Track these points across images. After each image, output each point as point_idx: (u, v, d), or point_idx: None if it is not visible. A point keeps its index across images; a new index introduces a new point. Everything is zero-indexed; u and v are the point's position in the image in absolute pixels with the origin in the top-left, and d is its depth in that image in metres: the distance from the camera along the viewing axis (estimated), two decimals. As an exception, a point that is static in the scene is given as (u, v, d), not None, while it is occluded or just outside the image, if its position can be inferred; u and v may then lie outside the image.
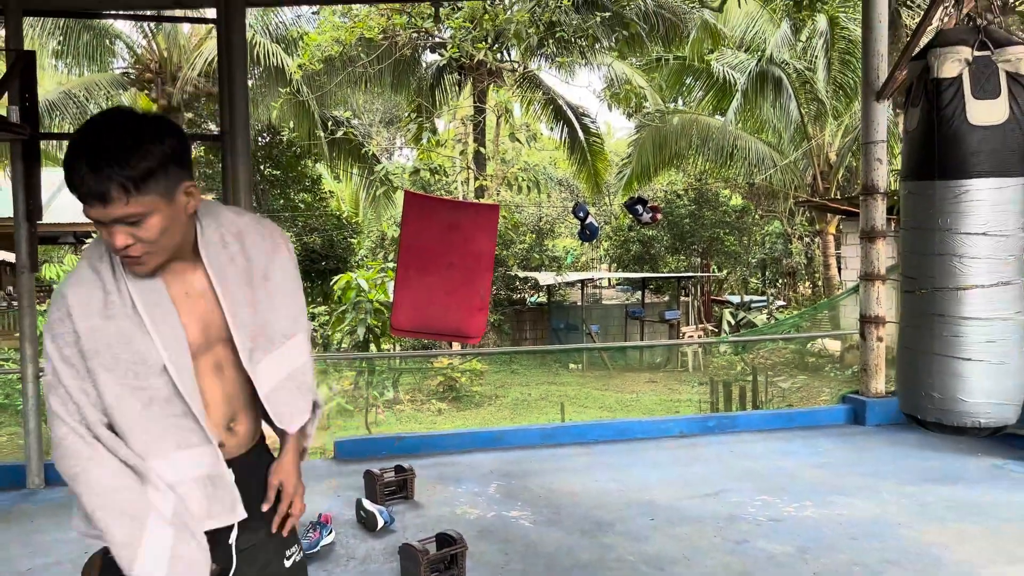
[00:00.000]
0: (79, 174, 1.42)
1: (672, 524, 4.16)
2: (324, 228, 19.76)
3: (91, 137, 1.44)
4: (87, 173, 1.41)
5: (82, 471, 1.52)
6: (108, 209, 1.43)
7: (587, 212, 5.66)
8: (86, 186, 1.42)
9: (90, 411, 1.53)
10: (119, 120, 1.47)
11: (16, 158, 4.69)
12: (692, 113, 17.41)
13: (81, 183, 1.42)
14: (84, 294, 1.54)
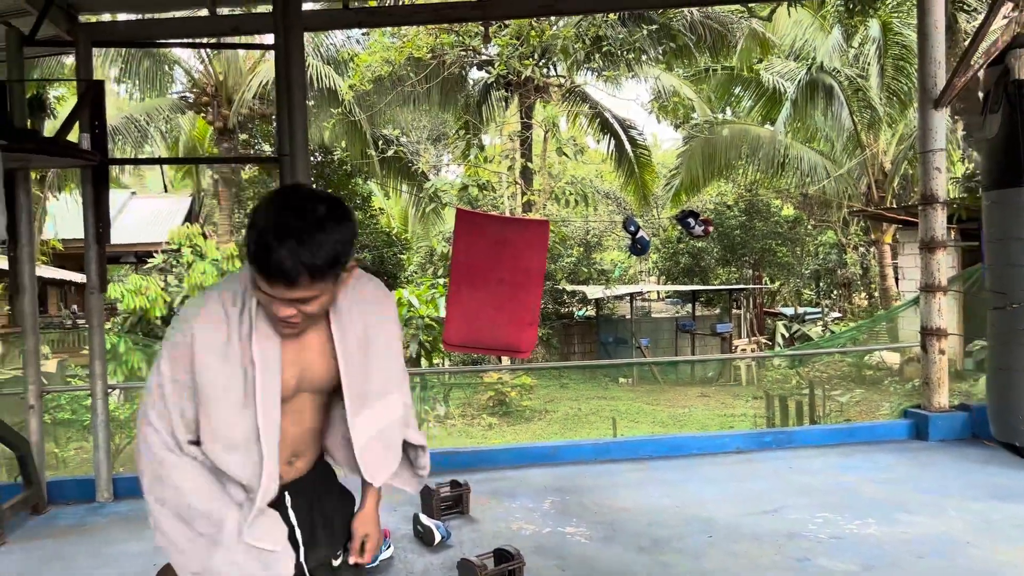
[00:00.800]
0: (276, 257, 1.50)
1: (730, 541, 4.10)
2: (375, 245, 20.06)
3: (290, 222, 1.52)
4: (284, 257, 1.50)
5: (167, 475, 1.67)
6: (290, 291, 1.54)
7: (638, 226, 5.66)
8: (278, 268, 1.51)
9: (182, 429, 1.68)
10: (311, 206, 1.55)
11: (87, 183, 4.88)
12: (741, 123, 17.24)
13: (276, 266, 1.51)
14: (211, 332, 1.66)
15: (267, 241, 1.51)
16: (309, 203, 1.56)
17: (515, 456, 5.98)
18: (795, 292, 24.91)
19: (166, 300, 13.76)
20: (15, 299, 5.18)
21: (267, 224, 1.53)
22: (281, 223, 1.52)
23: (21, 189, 4.85)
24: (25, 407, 5.09)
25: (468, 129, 15.43)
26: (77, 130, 4.79)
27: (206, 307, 1.68)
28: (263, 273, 1.53)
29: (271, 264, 1.51)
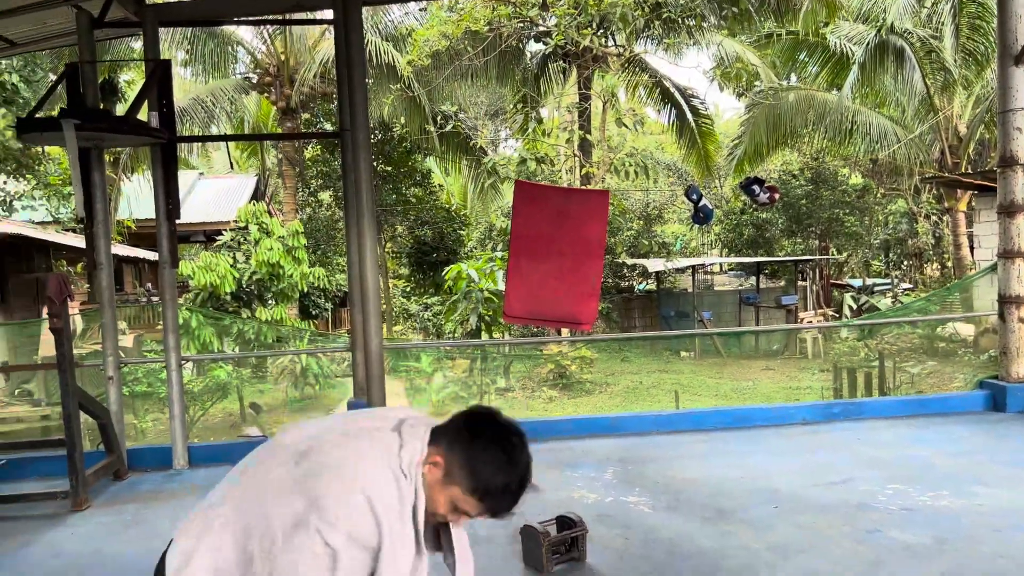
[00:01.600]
0: (516, 502, 1.77)
1: (797, 512, 4.04)
2: (434, 221, 20.21)
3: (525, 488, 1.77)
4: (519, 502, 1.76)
5: None
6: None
7: (700, 195, 5.55)
8: (511, 510, 1.77)
9: None
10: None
11: (156, 161, 5.02)
12: (807, 89, 16.71)
13: (511, 509, 1.77)
14: (394, 509, 1.66)
15: (518, 491, 1.76)
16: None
17: (577, 427, 5.99)
18: (863, 263, 24.19)
19: (235, 276, 14.13)
20: (93, 275, 5.38)
21: (523, 474, 1.77)
22: (525, 465, 1.78)
23: (96, 169, 5.02)
24: (104, 378, 5.31)
25: (526, 102, 15.33)
26: (146, 110, 4.93)
27: (389, 494, 1.67)
28: (497, 512, 1.75)
29: (511, 508, 1.76)
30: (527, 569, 3.46)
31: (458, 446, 1.72)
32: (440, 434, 1.76)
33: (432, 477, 1.71)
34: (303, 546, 1.59)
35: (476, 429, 1.77)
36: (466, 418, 1.80)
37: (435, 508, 1.74)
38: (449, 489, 1.71)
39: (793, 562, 3.42)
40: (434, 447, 1.73)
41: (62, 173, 13.38)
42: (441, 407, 12.37)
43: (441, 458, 1.72)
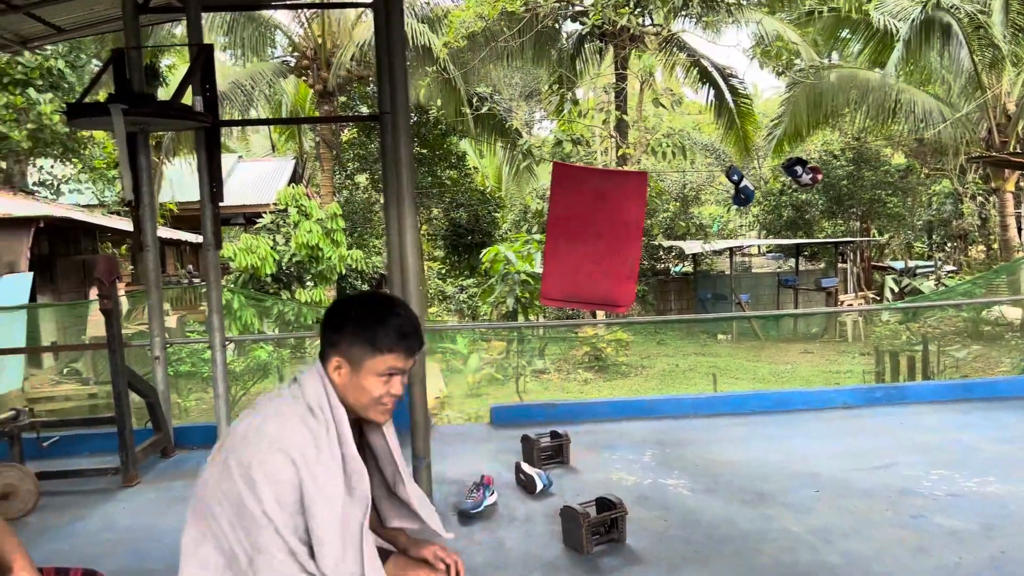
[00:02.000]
0: (407, 320, 1.82)
1: (839, 496, 4.01)
2: (469, 203, 20.23)
3: (408, 310, 1.86)
4: (412, 318, 1.83)
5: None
6: (412, 360, 1.84)
7: (741, 175, 5.48)
8: (416, 341, 1.83)
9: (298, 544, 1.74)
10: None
11: (200, 144, 5.10)
12: (850, 67, 16.34)
13: (414, 337, 1.82)
14: (304, 446, 1.73)
15: (411, 319, 1.83)
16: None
17: (614, 409, 5.99)
18: (906, 245, 23.70)
19: (275, 258, 14.32)
20: (139, 257, 5.49)
21: (383, 303, 1.84)
22: (408, 311, 1.84)
23: (142, 152, 5.11)
24: (151, 358, 5.43)
25: (562, 83, 15.23)
26: (190, 94, 4.99)
27: (292, 428, 1.75)
28: (404, 344, 1.80)
29: (398, 330, 1.79)
30: (567, 549, 3.49)
31: (340, 337, 1.80)
32: (325, 348, 1.83)
33: (344, 378, 1.80)
34: (255, 522, 1.68)
35: (340, 316, 1.83)
36: (327, 318, 1.86)
37: (368, 399, 1.81)
38: (362, 370, 1.79)
39: (836, 546, 3.40)
40: (327, 359, 1.82)
41: (107, 157, 13.65)
42: (477, 389, 12.46)
43: (337, 356, 1.80)
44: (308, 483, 1.69)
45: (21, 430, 4.68)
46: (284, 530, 1.68)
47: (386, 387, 1.82)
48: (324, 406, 1.78)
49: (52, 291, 12.81)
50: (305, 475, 1.69)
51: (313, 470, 1.70)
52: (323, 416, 1.77)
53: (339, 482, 1.74)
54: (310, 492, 1.69)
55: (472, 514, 3.93)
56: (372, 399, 1.81)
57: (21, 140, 10.96)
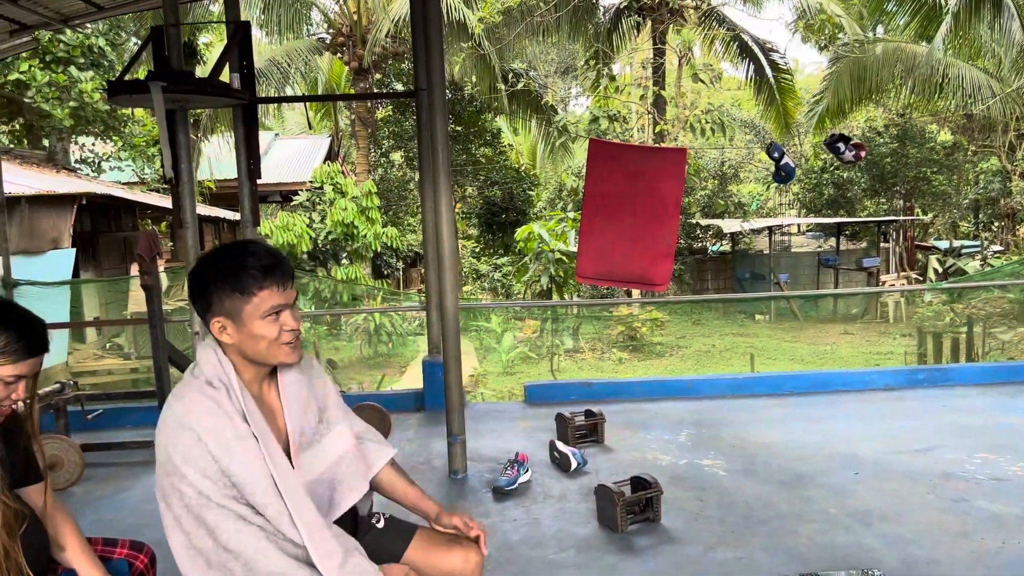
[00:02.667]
0: (266, 254, 1.77)
1: (879, 479, 3.94)
2: (504, 181, 20.16)
3: (262, 244, 1.82)
4: (268, 250, 1.79)
5: (262, 556, 1.70)
6: (288, 287, 1.78)
7: (782, 152, 5.35)
8: (282, 270, 1.77)
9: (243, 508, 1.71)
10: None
11: (238, 121, 5.12)
12: (895, 41, 15.89)
13: (278, 267, 1.76)
14: (204, 416, 1.71)
15: (248, 249, 1.77)
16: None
17: (649, 389, 5.96)
18: (950, 224, 23.14)
19: (311, 236, 14.44)
20: (178, 234, 5.56)
21: (233, 248, 1.79)
22: (238, 243, 1.82)
23: (181, 129, 5.15)
24: (191, 333, 5.51)
25: (598, 58, 15.04)
26: (227, 72, 5.01)
27: (193, 402, 1.73)
28: (274, 279, 1.75)
29: (259, 266, 1.74)
30: (601, 528, 3.48)
31: (209, 297, 1.76)
32: (202, 317, 1.80)
33: (232, 336, 1.77)
34: (196, 505, 1.67)
35: (200, 278, 1.79)
36: (190, 288, 1.82)
37: (266, 344, 1.77)
38: (245, 320, 1.75)
39: (875, 529, 3.34)
40: (210, 325, 1.79)
41: (147, 135, 13.83)
42: (511, 367, 12.48)
43: (216, 318, 1.76)
44: (217, 451, 1.67)
45: (66, 403, 4.79)
46: (224, 500, 1.67)
47: (277, 325, 1.76)
48: (220, 375, 1.77)
49: (94, 267, 13.08)
50: (213, 446, 1.67)
51: (219, 438, 1.68)
52: (221, 384, 1.76)
53: (248, 444, 1.70)
54: (223, 460, 1.67)
55: (506, 491, 3.94)
56: (270, 342, 1.76)
57: (63, 118, 11.15)
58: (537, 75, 21.97)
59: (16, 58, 10.50)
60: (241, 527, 1.67)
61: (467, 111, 19.29)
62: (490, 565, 3.13)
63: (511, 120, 20.43)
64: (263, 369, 1.85)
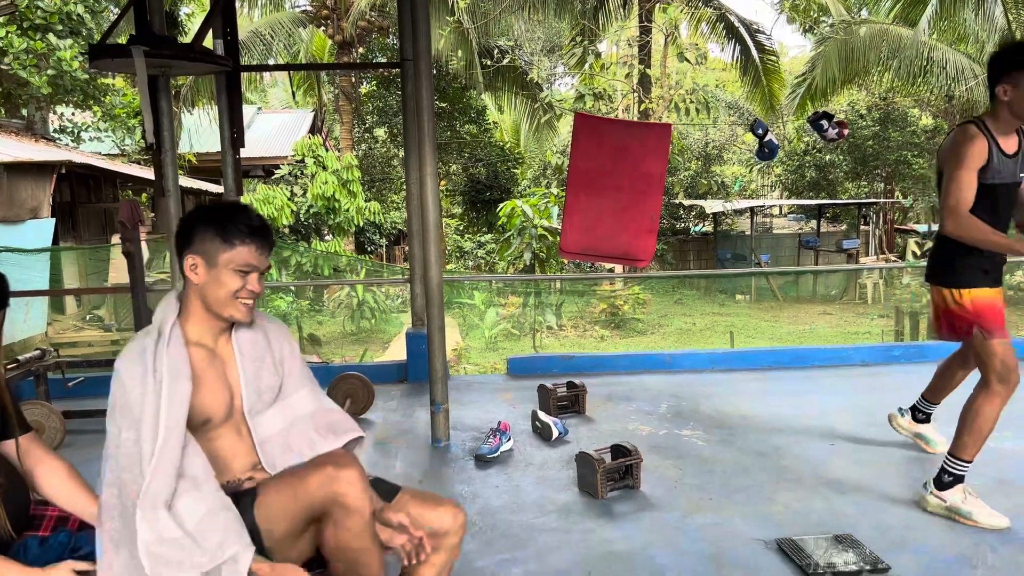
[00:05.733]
0: (254, 218, 1.90)
1: (855, 451, 4.02)
2: (489, 160, 20.11)
3: (256, 211, 1.93)
4: (257, 217, 1.91)
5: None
6: (266, 259, 1.91)
7: (766, 129, 5.38)
8: (266, 236, 1.90)
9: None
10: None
11: (221, 89, 5.07)
12: (880, 23, 15.94)
13: (264, 232, 1.90)
14: (132, 365, 1.78)
15: (243, 208, 1.90)
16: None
17: (631, 362, 6.01)
18: (930, 208, 23.34)
19: (292, 209, 14.34)
20: (160, 203, 5.51)
21: (231, 204, 1.92)
22: (235, 201, 1.96)
23: (163, 96, 5.09)
24: (174, 302, 5.48)
25: (584, 35, 14.98)
26: (211, 39, 4.96)
27: (128, 350, 1.82)
28: (256, 243, 1.87)
29: (248, 225, 1.86)
30: (581, 494, 3.53)
31: (193, 235, 1.87)
32: (180, 252, 1.89)
33: (200, 275, 1.87)
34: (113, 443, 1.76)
35: (192, 219, 1.90)
36: (180, 227, 1.91)
37: (226, 293, 1.87)
38: (218, 264, 1.86)
39: (850, 497, 3.42)
40: (183, 260, 1.88)
41: (127, 105, 13.63)
42: (494, 343, 12.52)
43: (191, 255, 1.87)
44: (131, 397, 1.74)
45: (47, 369, 4.77)
46: (126, 432, 1.74)
47: (243, 282, 1.87)
48: (162, 320, 1.86)
49: (74, 238, 12.93)
50: (129, 390, 1.74)
51: (132, 383, 1.75)
52: (156, 328, 1.84)
53: (149, 380, 1.75)
54: (132, 405, 1.73)
55: (488, 458, 3.98)
56: (229, 293, 1.87)
57: (41, 86, 10.96)
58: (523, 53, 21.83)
59: (-8, 23, 10.31)
60: (126, 447, 1.73)
61: (452, 87, 19.17)
62: (472, 529, 3.18)
63: (496, 97, 20.32)
64: (218, 323, 1.93)
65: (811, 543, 2.95)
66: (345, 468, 1.75)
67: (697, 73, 19.60)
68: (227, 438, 1.94)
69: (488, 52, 16.51)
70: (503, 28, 17.30)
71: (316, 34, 20.16)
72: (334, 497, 1.72)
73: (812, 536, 3.00)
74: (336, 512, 1.72)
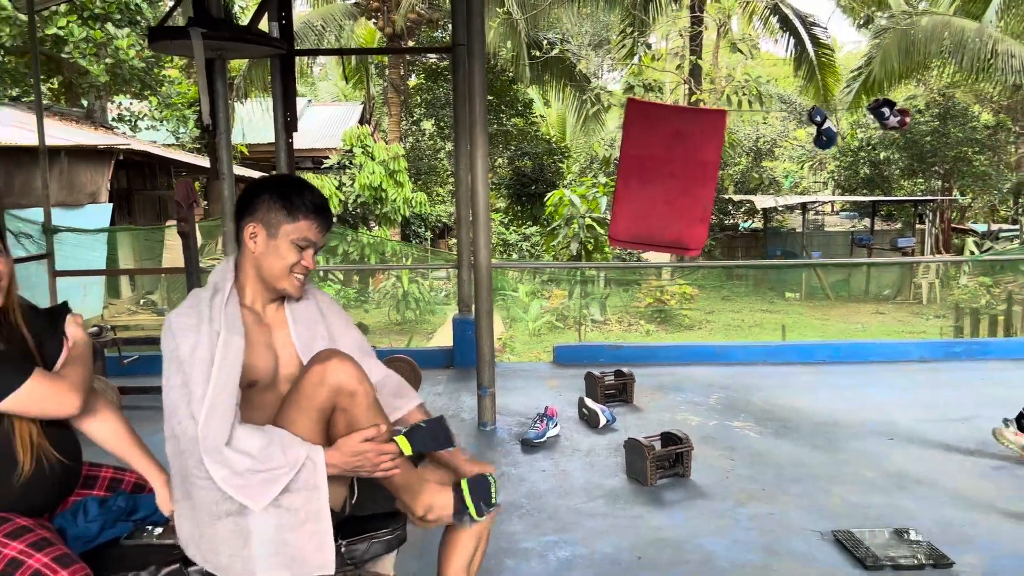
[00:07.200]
0: (328, 207, 1.93)
1: (915, 445, 3.89)
2: (535, 152, 20.04)
3: (318, 190, 1.95)
4: (319, 194, 1.92)
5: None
6: (323, 237, 1.92)
7: (825, 116, 5.22)
8: (328, 215, 1.93)
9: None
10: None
11: (275, 73, 5.12)
12: (943, 14, 15.45)
13: (326, 211, 1.92)
14: (184, 318, 1.78)
15: (309, 186, 1.93)
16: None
17: (679, 353, 5.92)
18: (989, 207, 22.61)
19: (340, 199, 14.47)
20: (214, 185, 5.59)
21: (298, 179, 1.95)
22: (301, 178, 1.97)
23: (219, 79, 5.16)
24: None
25: (635, 25, 14.80)
26: (266, 23, 5.00)
27: (181, 305, 1.83)
28: (318, 220, 1.88)
29: (312, 202, 1.88)
30: (630, 481, 3.47)
31: (257, 205, 1.88)
32: (241, 219, 1.89)
33: (259, 244, 1.87)
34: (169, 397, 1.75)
35: (256, 189, 1.91)
36: (243, 196, 1.92)
37: (282, 266, 1.87)
38: (279, 235, 1.86)
39: (911, 492, 3.30)
40: (243, 229, 1.88)
41: (183, 94, 13.90)
42: (538, 336, 12.47)
43: (253, 223, 1.87)
44: (181, 346, 1.73)
45: (104, 346, 4.86)
46: (174, 377, 1.74)
47: (299, 256, 1.88)
48: (219, 280, 1.87)
49: (130, 224, 13.22)
50: (180, 340, 1.73)
51: (184, 332, 1.74)
52: (213, 287, 1.85)
53: (204, 329, 1.75)
54: (182, 353, 1.72)
55: (535, 443, 3.94)
56: (285, 266, 1.87)
57: (99, 74, 11.22)
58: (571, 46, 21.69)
59: (55, 13, 10.58)
60: (181, 389, 1.72)
61: (499, 80, 19.13)
62: (519, 511, 3.15)
63: (543, 90, 20.22)
64: (268, 293, 1.94)
65: (869, 536, 2.85)
66: (331, 359, 1.79)
67: (748, 67, 19.29)
68: (272, 406, 1.94)
69: (536, 44, 16.43)
70: (551, 22, 17.18)
71: (367, 27, 20.33)
72: (335, 387, 1.77)
73: (870, 529, 2.91)
74: (340, 400, 1.78)
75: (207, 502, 1.71)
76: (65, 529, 1.85)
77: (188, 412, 1.70)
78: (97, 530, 1.88)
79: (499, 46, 17.32)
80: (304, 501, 1.70)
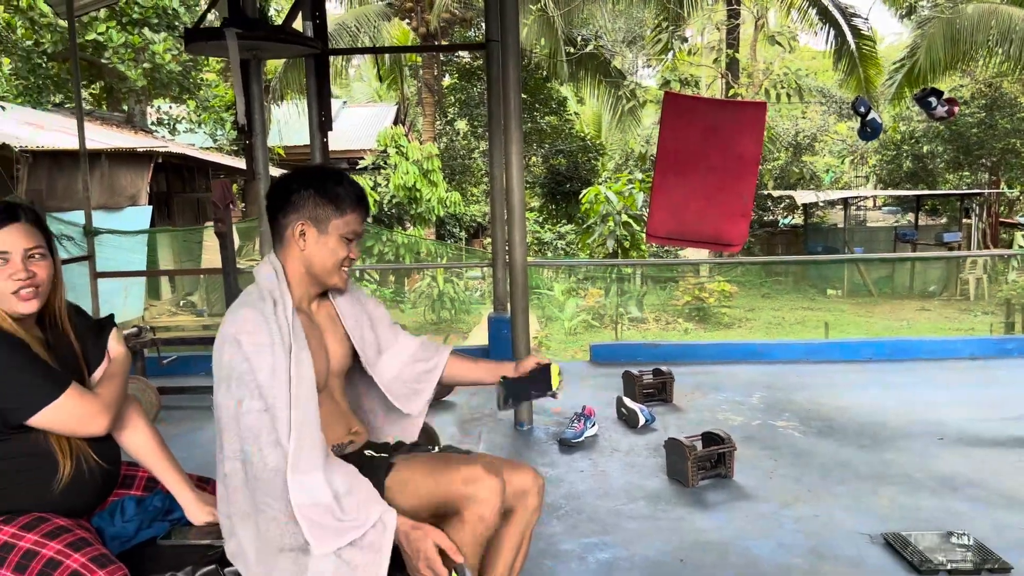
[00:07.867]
0: (356, 185, 1.92)
1: (965, 445, 3.76)
2: (570, 150, 19.93)
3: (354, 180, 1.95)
4: (354, 182, 1.91)
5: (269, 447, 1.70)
6: (363, 228, 1.92)
7: (869, 107, 5.08)
8: (367, 204, 1.94)
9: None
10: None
11: (310, 72, 5.12)
12: (989, 2, 15.01)
13: (366, 200, 1.93)
14: (258, 336, 1.71)
15: (346, 176, 1.92)
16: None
17: (720, 352, 5.82)
18: (1040, 201, 21.95)
19: (375, 199, 14.52)
20: (250, 186, 5.62)
21: (333, 170, 1.93)
22: (334, 167, 1.96)
23: (255, 80, 5.18)
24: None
25: (670, 20, 14.63)
26: (300, 23, 5.01)
27: (245, 318, 1.74)
28: (357, 205, 1.88)
29: (355, 193, 1.88)
30: (671, 481, 3.40)
31: (303, 201, 1.84)
32: (285, 216, 1.86)
33: (309, 242, 1.84)
34: (239, 416, 1.68)
35: (298, 183, 1.87)
36: (280, 191, 1.89)
37: (334, 261, 1.86)
38: (329, 231, 1.84)
39: (963, 493, 3.18)
40: (288, 226, 1.85)
41: (220, 97, 14.08)
42: (574, 335, 12.40)
43: (301, 221, 1.84)
44: (259, 368, 1.67)
45: (143, 346, 4.91)
46: (254, 399, 1.68)
47: (347, 249, 1.87)
48: (274, 289, 1.81)
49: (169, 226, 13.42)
50: (256, 361, 1.67)
51: (260, 353, 1.68)
52: (271, 297, 1.79)
53: (284, 367, 1.70)
54: (260, 377, 1.67)
55: (573, 443, 3.88)
56: (337, 261, 1.86)
57: (137, 79, 11.40)
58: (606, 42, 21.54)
59: (94, 19, 10.77)
60: (261, 415, 1.68)
61: (533, 78, 19.07)
62: (558, 512, 3.10)
63: (577, 87, 20.11)
64: (314, 290, 1.92)
65: (922, 538, 2.74)
66: (492, 476, 1.75)
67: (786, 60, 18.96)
68: (327, 404, 1.91)
69: (571, 41, 16.34)
70: (584, 18, 17.08)
71: (400, 27, 20.42)
72: (473, 497, 1.73)
73: (923, 532, 2.80)
74: (467, 513, 1.73)
75: (274, 535, 1.67)
76: (103, 528, 1.84)
77: (273, 439, 1.66)
78: (134, 530, 1.87)
79: (533, 43, 17.26)
80: (365, 561, 1.65)
